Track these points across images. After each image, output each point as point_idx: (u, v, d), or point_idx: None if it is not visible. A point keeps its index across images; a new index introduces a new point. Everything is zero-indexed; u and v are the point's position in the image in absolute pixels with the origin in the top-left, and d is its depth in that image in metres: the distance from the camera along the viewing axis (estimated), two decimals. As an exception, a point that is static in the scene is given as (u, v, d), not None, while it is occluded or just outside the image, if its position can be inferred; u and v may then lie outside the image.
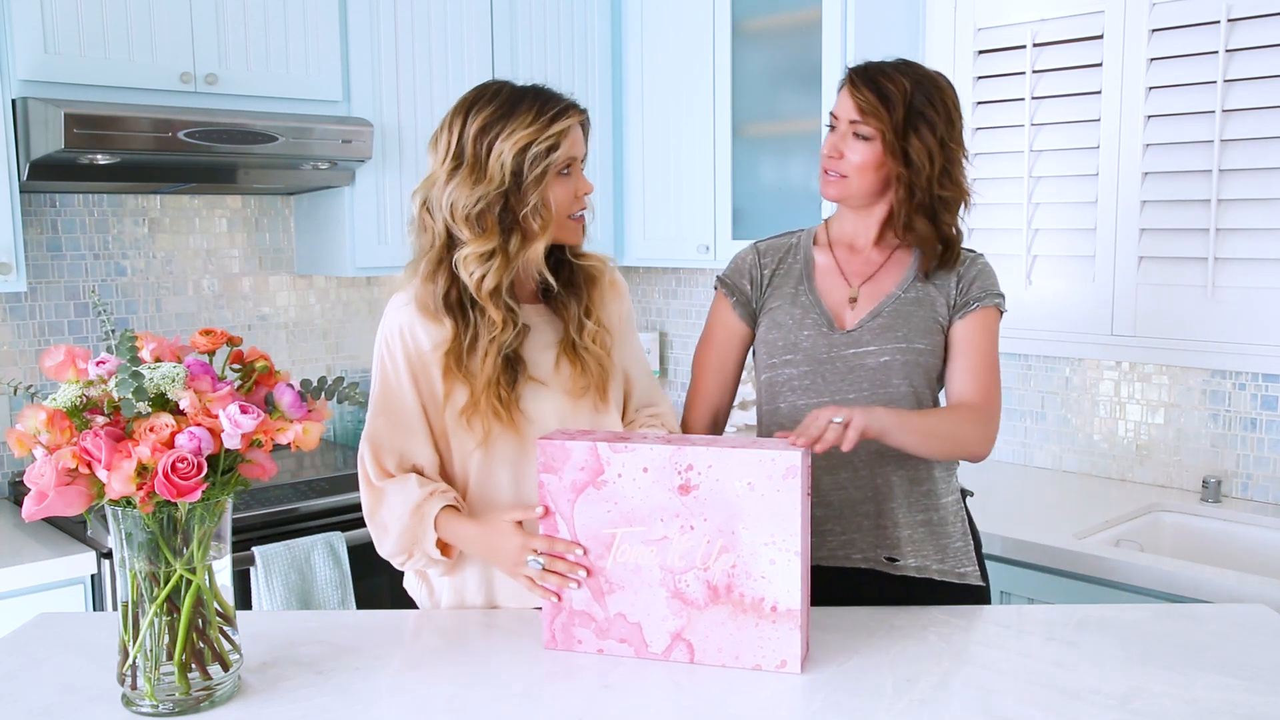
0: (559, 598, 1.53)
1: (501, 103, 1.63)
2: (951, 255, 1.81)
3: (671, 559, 1.48)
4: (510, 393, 1.65)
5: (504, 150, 1.59)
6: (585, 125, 1.69)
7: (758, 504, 1.43)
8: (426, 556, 1.65)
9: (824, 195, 1.83)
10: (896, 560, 1.80)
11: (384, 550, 1.69)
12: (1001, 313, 1.83)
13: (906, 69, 1.76)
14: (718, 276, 1.95)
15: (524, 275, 1.70)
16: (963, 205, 1.80)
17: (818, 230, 1.91)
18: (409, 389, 1.67)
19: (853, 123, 1.75)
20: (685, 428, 1.95)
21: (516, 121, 1.61)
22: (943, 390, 1.85)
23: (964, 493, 1.89)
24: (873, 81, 1.74)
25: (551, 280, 1.66)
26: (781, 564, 1.43)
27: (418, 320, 1.66)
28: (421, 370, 1.67)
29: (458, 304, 1.64)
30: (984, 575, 1.86)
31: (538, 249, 1.62)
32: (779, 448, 1.44)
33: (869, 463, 1.79)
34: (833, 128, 1.80)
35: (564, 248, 1.72)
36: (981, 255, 1.86)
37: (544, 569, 1.52)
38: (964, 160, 1.79)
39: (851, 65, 1.81)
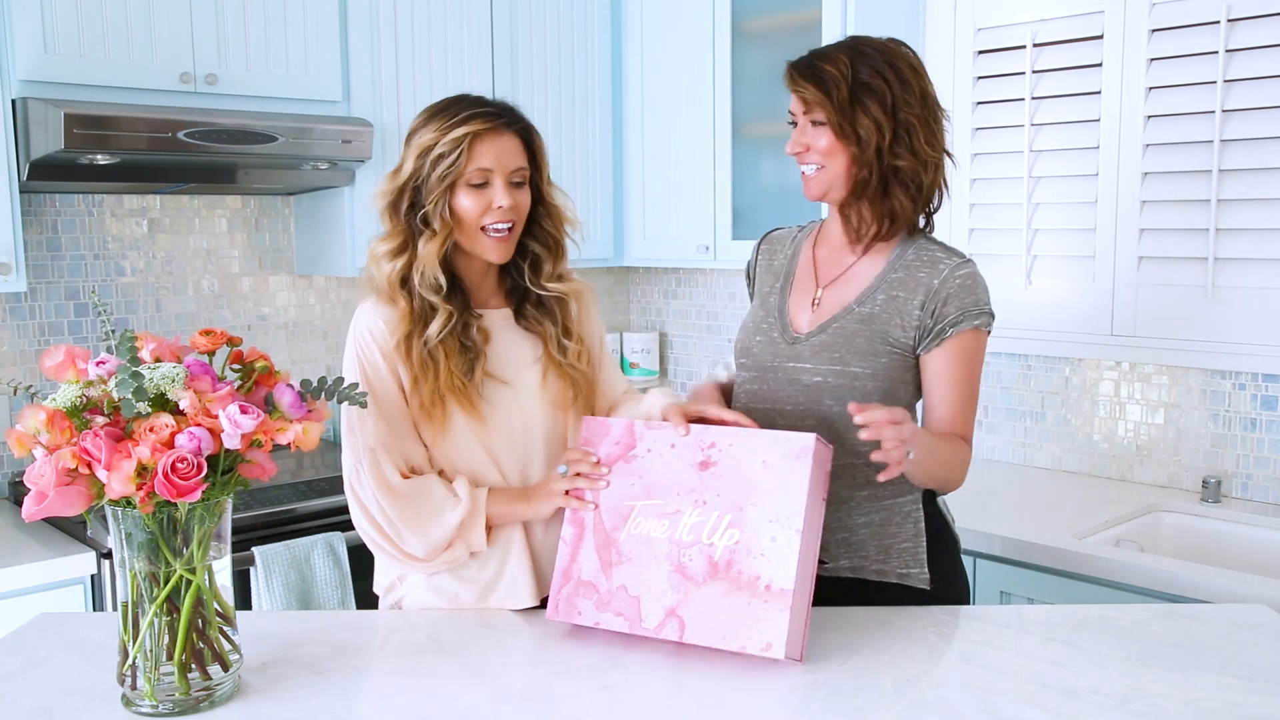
0: (588, 501, 1.59)
1: (438, 108, 1.69)
2: (893, 230, 1.73)
3: (681, 532, 1.51)
4: (467, 381, 1.67)
5: (412, 149, 1.67)
6: (526, 139, 1.69)
7: (769, 482, 1.46)
8: (466, 547, 1.67)
9: (807, 197, 1.78)
10: (825, 563, 1.74)
11: (418, 550, 1.66)
12: (987, 332, 1.72)
13: (850, 45, 1.72)
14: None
15: (472, 278, 1.74)
16: (924, 172, 1.70)
17: (818, 225, 1.90)
18: (393, 387, 1.69)
19: (805, 114, 1.72)
20: None
21: (434, 124, 1.67)
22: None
23: (932, 492, 1.79)
24: (809, 69, 1.70)
25: (442, 281, 1.66)
26: (782, 541, 1.45)
27: (379, 316, 1.69)
28: (395, 367, 1.69)
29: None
30: (946, 579, 1.77)
31: (431, 249, 1.66)
32: (799, 431, 1.48)
33: None
34: (795, 124, 1.76)
35: (528, 273, 1.75)
36: (966, 263, 1.72)
37: (569, 476, 1.62)
38: (933, 124, 1.71)
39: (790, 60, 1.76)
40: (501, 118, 1.67)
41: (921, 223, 1.79)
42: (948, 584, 1.78)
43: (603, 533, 1.56)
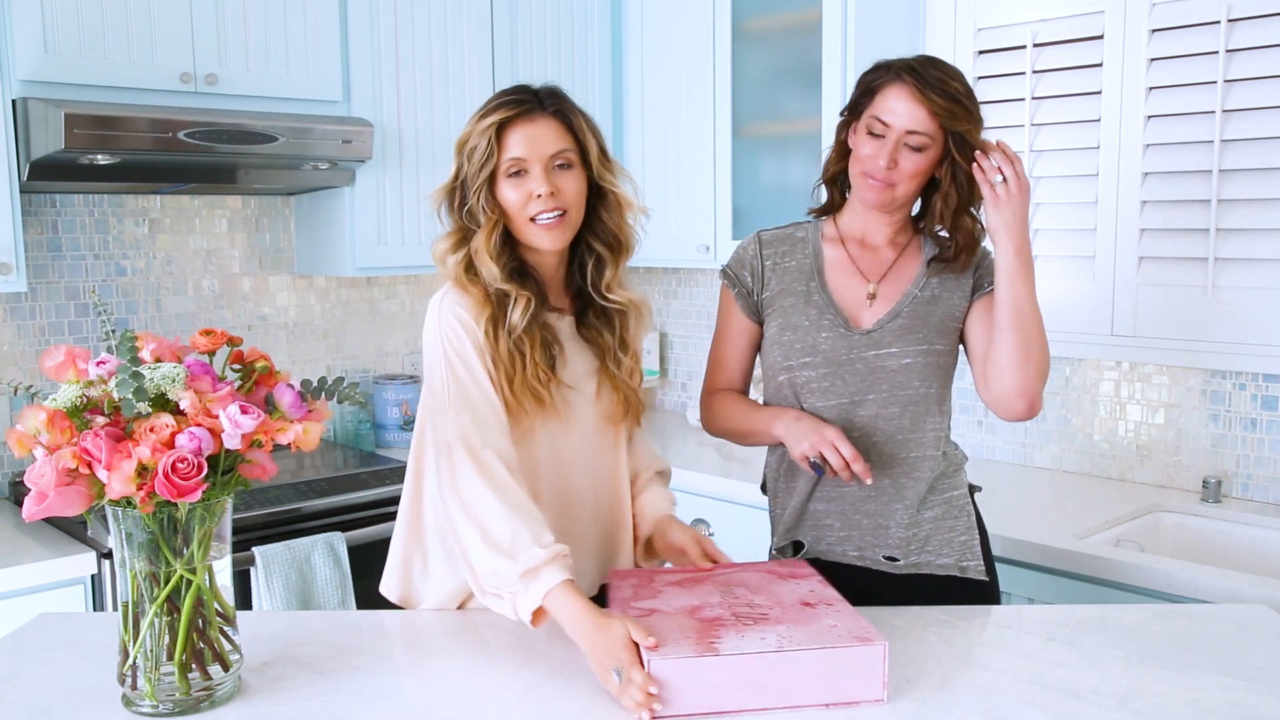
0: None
1: (484, 103, 1.66)
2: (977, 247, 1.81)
3: (731, 607, 1.49)
4: (549, 374, 1.63)
5: (456, 148, 1.65)
6: (565, 120, 1.63)
7: (827, 636, 1.40)
8: (515, 613, 1.49)
9: (865, 203, 1.78)
10: (896, 560, 1.81)
11: (467, 577, 1.55)
12: None
13: (949, 67, 1.72)
14: (722, 266, 1.92)
15: (542, 275, 1.69)
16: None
17: (824, 224, 1.88)
18: (483, 377, 1.60)
19: (910, 133, 1.68)
20: (706, 412, 1.96)
21: (471, 120, 1.64)
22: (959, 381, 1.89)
23: (972, 488, 1.89)
24: (936, 87, 1.67)
25: (497, 274, 1.61)
26: (770, 639, 1.39)
27: (462, 305, 1.63)
28: (485, 359, 1.61)
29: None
30: (991, 570, 1.85)
31: (480, 242, 1.62)
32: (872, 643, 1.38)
33: (877, 465, 1.79)
34: (878, 135, 1.71)
35: (591, 276, 1.70)
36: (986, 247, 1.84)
37: (620, 686, 1.36)
38: None
39: (893, 65, 1.72)
40: (530, 103, 1.62)
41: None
42: (992, 573, 1.86)
43: (706, 579, 1.60)
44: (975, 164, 1.69)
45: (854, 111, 1.78)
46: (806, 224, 1.90)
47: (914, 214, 1.87)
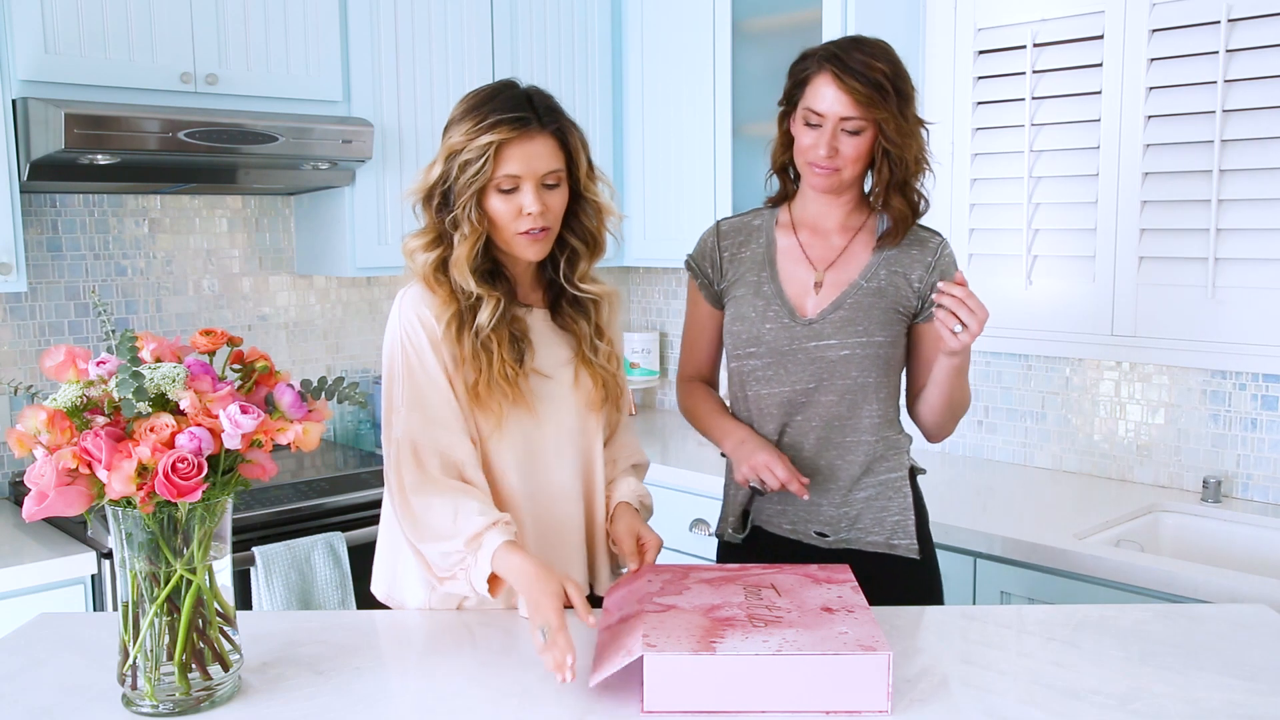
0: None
1: (473, 104, 1.63)
2: (913, 223, 1.85)
3: (748, 608, 1.49)
4: (517, 369, 1.64)
5: (443, 149, 1.63)
6: (561, 137, 1.63)
7: (840, 637, 1.40)
8: (471, 588, 1.56)
9: (814, 188, 1.84)
10: (826, 535, 1.89)
11: (421, 572, 1.62)
12: None
13: (873, 47, 1.76)
14: (687, 257, 1.98)
15: (514, 272, 1.71)
16: (925, 171, 1.82)
17: (779, 211, 1.94)
18: (439, 376, 1.62)
19: (845, 119, 1.74)
20: (679, 398, 2.02)
21: (463, 125, 1.61)
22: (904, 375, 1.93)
23: (915, 470, 1.93)
24: (858, 73, 1.72)
25: (472, 286, 1.62)
26: (776, 642, 1.38)
27: (425, 303, 1.65)
28: (443, 357, 1.63)
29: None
30: (925, 550, 1.90)
31: (461, 253, 1.62)
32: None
33: (815, 446, 1.86)
34: (815, 125, 1.77)
35: (564, 268, 1.72)
36: (946, 240, 1.89)
37: (544, 646, 1.41)
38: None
39: (816, 53, 1.77)
40: (532, 121, 1.59)
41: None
42: (927, 552, 1.91)
43: (739, 578, 1.60)
44: (933, 316, 1.71)
45: (790, 102, 1.84)
46: (763, 210, 1.96)
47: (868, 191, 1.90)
